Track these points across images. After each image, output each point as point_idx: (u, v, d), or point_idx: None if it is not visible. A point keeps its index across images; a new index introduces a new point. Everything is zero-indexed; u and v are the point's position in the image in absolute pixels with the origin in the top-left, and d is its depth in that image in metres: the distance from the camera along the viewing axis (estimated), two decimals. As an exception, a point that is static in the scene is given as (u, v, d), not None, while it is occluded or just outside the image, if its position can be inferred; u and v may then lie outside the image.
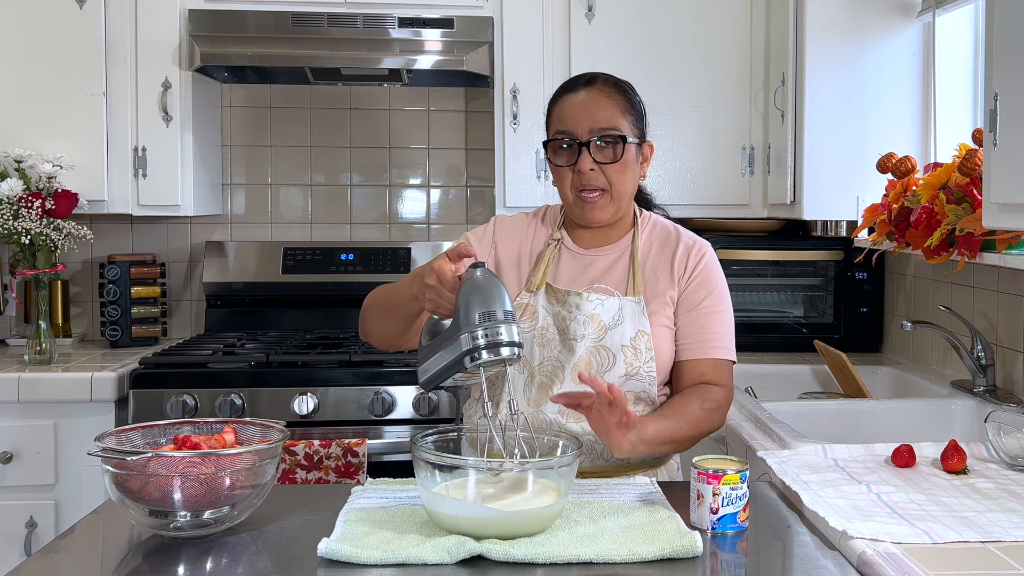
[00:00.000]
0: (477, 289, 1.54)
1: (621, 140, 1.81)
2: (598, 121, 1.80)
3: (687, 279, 1.86)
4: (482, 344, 1.51)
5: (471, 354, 1.51)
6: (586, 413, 1.61)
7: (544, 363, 1.82)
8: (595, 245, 1.91)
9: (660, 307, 1.84)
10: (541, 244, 1.92)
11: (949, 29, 2.90)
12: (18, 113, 3.05)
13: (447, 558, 1.32)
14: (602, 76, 1.87)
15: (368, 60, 3.12)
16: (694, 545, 1.36)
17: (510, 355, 1.52)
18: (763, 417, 2.12)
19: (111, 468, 1.42)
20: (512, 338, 1.52)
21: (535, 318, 1.84)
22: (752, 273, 3.24)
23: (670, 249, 1.89)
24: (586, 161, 1.80)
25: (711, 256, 1.90)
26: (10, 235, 2.88)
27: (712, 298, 1.86)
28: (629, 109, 1.84)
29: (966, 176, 2.30)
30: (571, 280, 1.87)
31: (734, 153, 3.23)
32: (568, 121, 1.82)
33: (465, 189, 3.66)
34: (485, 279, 1.56)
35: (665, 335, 1.83)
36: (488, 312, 1.52)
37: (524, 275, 1.90)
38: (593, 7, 3.16)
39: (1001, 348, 2.42)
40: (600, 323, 1.81)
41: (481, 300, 1.53)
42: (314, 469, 2.67)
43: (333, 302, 3.46)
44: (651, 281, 1.86)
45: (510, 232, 1.94)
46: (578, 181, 1.82)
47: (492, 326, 1.51)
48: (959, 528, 1.41)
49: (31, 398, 2.74)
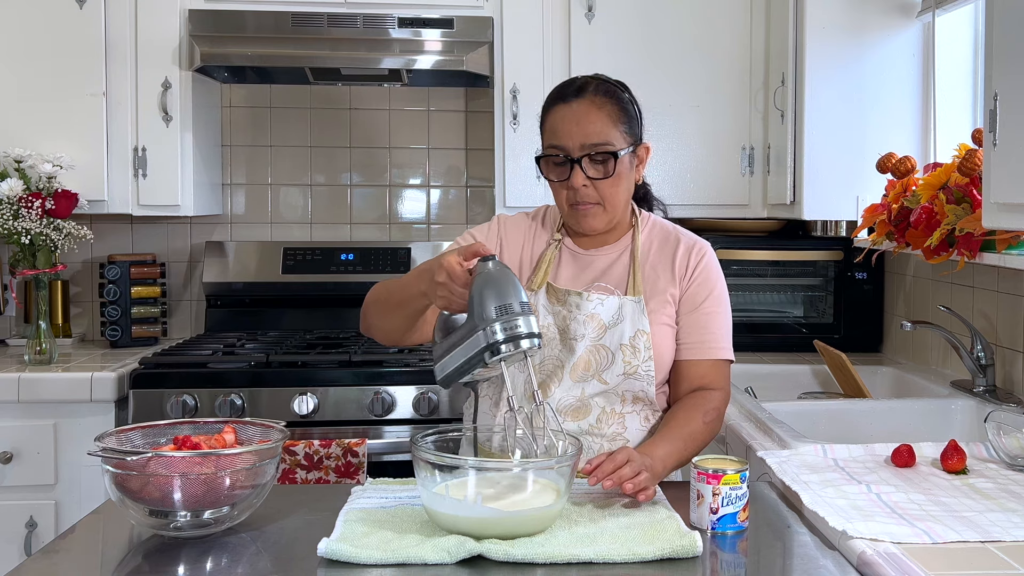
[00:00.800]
0: (491, 282, 1.53)
1: (612, 157, 1.80)
2: (589, 136, 1.79)
3: (689, 278, 1.86)
4: (501, 339, 1.49)
5: (491, 349, 1.49)
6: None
7: (544, 362, 1.82)
8: (595, 245, 1.91)
9: (660, 305, 1.84)
10: (542, 245, 1.92)
11: (949, 29, 2.90)
12: (18, 113, 3.05)
13: (447, 558, 1.32)
14: (593, 83, 1.84)
15: (368, 60, 3.12)
16: (694, 545, 1.36)
17: (530, 346, 1.51)
18: (763, 417, 2.12)
19: (111, 468, 1.42)
20: (531, 329, 1.51)
21: (536, 317, 1.83)
22: (752, 273, 3.24)
23: (671, 248, 1.89)
24: (578, 178, 1.80)
25: (711, 256, 1.90)
26: (10, 235, 2.88)
27: (712, 298, 1.86)
28: (621, 117, 1.82)
29: (966, 176, 2.30)
30: (572, 279, 1.88)
31: (734, 153, 3.23)
32: (560, 135, 1.81)
33: (465, 189, 3.66)
34: (498, 271, 1.55)
35: (665, 333, 1.83)
36: (504, 305, 1.50)
37: (525, 277, 1.90)
38: (593, 7, 3.16)
39: (1001, 348, 2.42)
40: (600, 322, 1.81)
41: (496, 293, 1.51)
42: (314, 469, 2.67)
43: (333, 302, 3.46)
44: (651, 280, 1.86)
45: (514, 232, 1.94)
46: (572, 196, 1.82)
47: (510, 319, 1.49)
48: (959, 528, 1.41)
49: (31, 398, 2.73)
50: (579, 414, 1.81)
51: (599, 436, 1.81)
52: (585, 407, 1.81)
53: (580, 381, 1.80)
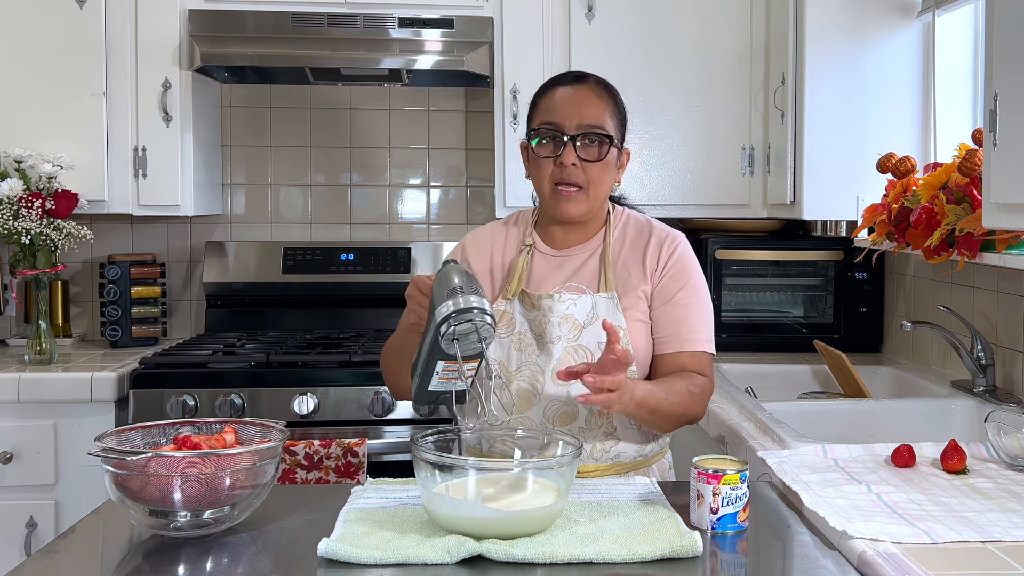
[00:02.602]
0: (445, 277, 1.58)
1: (607, 140, 1.82)
2: (586, 117, 1.81)
3: (660, 272, 1.86)
4: (452, 311, 1.52)
5: (444, 323, 1.52)
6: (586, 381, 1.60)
7: (522, 368, 1.83)
8: (567, 245, 1.91)
9: (633, 302, 1.84)
10: (513, 250, 1.93)
11: (949, 29, 2.90)
12: (18, 113, 3.05)
13: (447, 558, 1.32)
14: (592, 76, 1.89)
15: (368, 60, 3.12)
16: (694, 545, 1.36)
17: (482, 322, 1.53)
18: (763, 417, 2.12)
19: (111, 468, 1.42)
20: (482, 306, 1.54)
21: (512, 324, 1.85)
22: (752, 273, 3.24)
23: (642, 243, 1.89)
24: (570, 155, 1.80)
25: (685, 247, 1.89)
26: (10, 235, 2.88)
27: (687, 290, 1.85)
28: (615, 112, 1.86)
29: (966, 176, 2.30)
30: (544, 281, 1.88)
31: (734, 153, 3.23)
32: (556, 113, 1.82)
33: (465, 189, 3.66)
34: (453, 268, 1.60)
35: (640, 329, 1.84)
36: (455, 288, 1.54)
37: (498, 280, 1.91)
38: (593, 7, 3.16)
39: (1001, 348, 2.42)
40: (575, 322, 1.82)
41: (448, 283, 1.56)
42: (314, 469, 2.67)
43: (333, 302, 3.47)
44: (623, 277, 1.86)
45: (481, 244, 1.96)
46: (558, 174, 1.82)
47: (458, 297, 1.53)
48: (959, 528, 1.41)
49: (31, 398, 2.74)
50: (567, 418, 1.82)
51: (591, 437, 1.81)
52: (572, 411, 1.81)
53: (564, 384, 1.79)
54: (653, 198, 3.20)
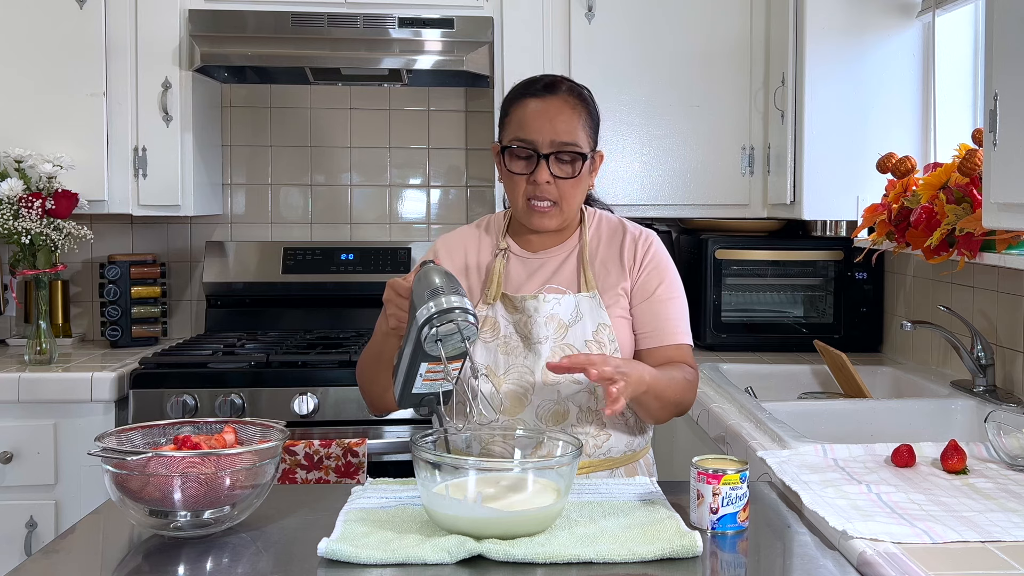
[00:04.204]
0: (425, 277, 1.57)
1: (580, 158, 1.82)
2: (559, 134, 1.80)
3: (639, 268, 1.88)
4: (433, 311, 1.51)
5: (427, 324, 1.51)
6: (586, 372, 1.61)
7: (510, 370, 1.83)
8: (543, 248, 1.92)
9: (614, 299, 1.86)
10: (488, 254, 1.93)
11: (949, 29, 2.90)
12: (18, 113, 3.05)
13: (447, 558, 1.32)
14: (565, 83, 1.86)
15: (368, 60, 3.12)
16: (694, 545, 1.36)
17: (464, 321, 1.53)
18: (763, 417, 2.12)
19: (111, 468, 1.42)
20: (463, 305, 1.53)
21: (497, 328, 1.85)
22: (752, 273, 3.24)
23: (618, 241, 1.91)
24: (543, 173, 1.80)
25: (659, 244, 1.92)
26: (10, 235, 2.88)
27: (665, 286, 1.88)
28: (588, 120, 1.85)
29: (966, 176, 2.30)
30: (522, 285, 1.89)
31: (734, 153, 3.23)
32: (529, 130, 1.81)
33: (465, 189, 3.66)
34: (433, 268, 1.59)
35: (623, 325, 1.86)
36: (436, 289, 1.54)
37: (474, 283, 1.91)
38: (593, 7, 3.16)
39: (1001, 348, 2.42)
40: (560, 322, 1.83)
41: (428, 283, 1.55)
42: (314, 469, 2.67)
43: (333, 302, 3.46)
44: (602, 275, 1.88)
45: (453, 245, 1.96)
46: (531, 191, 1.83)
47: (439, 297, 1.53)
48: (959, 528, 1.41)
49: (31, 398, 2.74)
50: (559, 418, 1.82)
51: (583, 436, 1.82)
52: (563, 410, 1.82)
53: (553, 383, 1.80)
54: (653, 198, 3.20)
